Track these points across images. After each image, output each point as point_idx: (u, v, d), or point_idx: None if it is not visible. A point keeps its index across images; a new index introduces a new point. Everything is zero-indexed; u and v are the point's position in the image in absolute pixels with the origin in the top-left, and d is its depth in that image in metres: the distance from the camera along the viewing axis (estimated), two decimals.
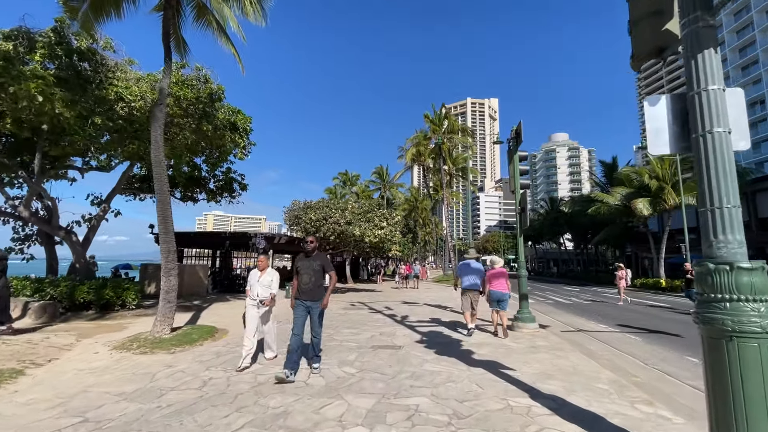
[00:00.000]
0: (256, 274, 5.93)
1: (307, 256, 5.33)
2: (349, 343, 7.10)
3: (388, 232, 17.91)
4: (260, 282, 5.83)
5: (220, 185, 17.97)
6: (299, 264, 5.28)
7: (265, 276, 5.86)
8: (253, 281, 5.88)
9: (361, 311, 12.03)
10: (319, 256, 5.35)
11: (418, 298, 17.04)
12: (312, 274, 5.16)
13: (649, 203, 26.74)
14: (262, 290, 5.81)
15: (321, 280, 5.27)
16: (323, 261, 5.32)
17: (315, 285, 5.18)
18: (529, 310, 8.64)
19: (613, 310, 14.01)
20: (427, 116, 32.26)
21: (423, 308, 13.02)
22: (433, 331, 8.54)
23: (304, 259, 5.31)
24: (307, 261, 5.26)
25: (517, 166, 9.06)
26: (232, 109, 14.44)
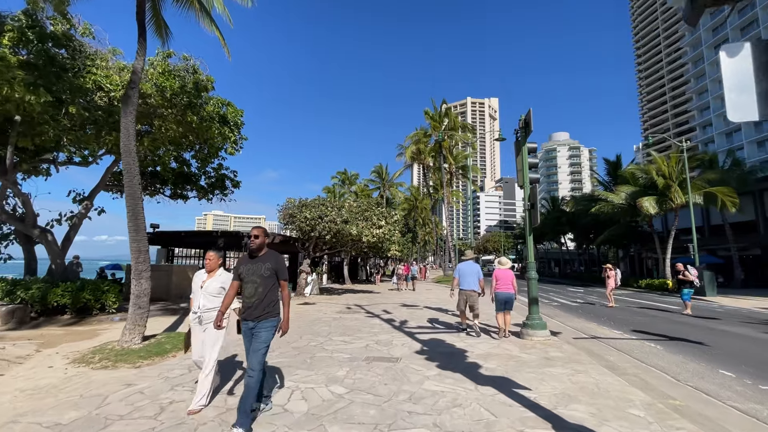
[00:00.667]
0: (200, 277, 4.23)
1: (251, 256, 3.76)
2: (340, 354, 6.34)
3: (386, 232, 17.15)
4: (205, 289, 4.11)
5: (211, 182, 17.23)
6: (241, 269, 3.73)
7: (212, 281, 4.13)
8: (196, 287, 4.21)
9: (357, 315, 11.27)
10: (270, 256, 3.78)
11: (417, 300, 16.28)
12: (259, 282, 3.62)
13: (656, 201, 25.97)
14: (207, 301, 4.10)
15: (273, 290, 3.71)
16: (275, 263, 3.73)
17: (263, 298, 3.62)
18: (539, 315, 7.88)
19: (624, 314, 13.26)
20: (427, 112, 31.45)
21: (423, 311, 12.26)
22: (434, 339, 7.78)
23: (249, 261, 3.74)
24: (253, 264, 3.70)
25: (526, 159, 8.30)
26: (221, 101, 13.69)
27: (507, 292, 7.82)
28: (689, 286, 13.51)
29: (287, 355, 6.30)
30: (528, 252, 8.17)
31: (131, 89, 6.86)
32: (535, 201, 8.00)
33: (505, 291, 7.83)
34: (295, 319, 10.43)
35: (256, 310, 3.63)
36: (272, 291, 3.69)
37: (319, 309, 12.88)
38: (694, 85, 63.42)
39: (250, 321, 3.67)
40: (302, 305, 14.03)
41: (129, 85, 6.88)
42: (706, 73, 59.66)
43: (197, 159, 15.62)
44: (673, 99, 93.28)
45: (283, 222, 16.98)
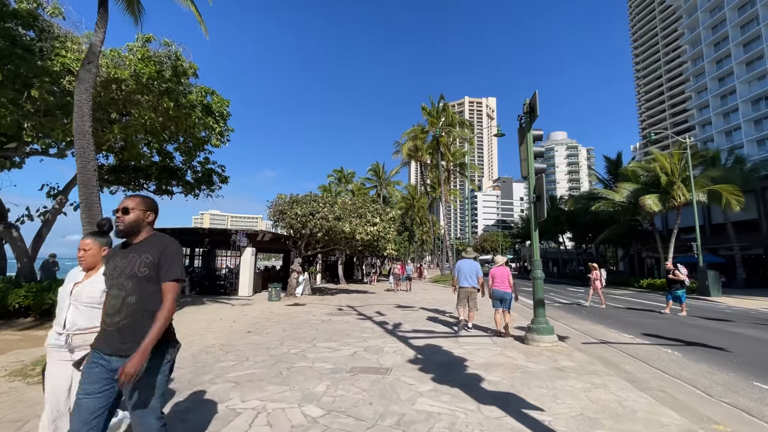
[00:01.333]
0: (73, 277, 2.73)
1: (124, 245, 2.30)
2: (323, 365, 5.58)
3: (381, 229, 16.40)
4: (76, 297, 2.59)
5: (197, 177, 16.43)
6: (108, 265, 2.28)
7: (89, 284, 2.61)
8: (63, 294, 2.67)
9: (348, 317, 10.51)
10: (154, 242, 2.26)
11: (413, 301, 15.53)
12: (129, 288, 2.14)
13: (659, 199, 25.34)
14: (80, 316, 2.58)
15: (153, 300, 2.15)
16: (159, 253, 2.20)
17: (135, 315, 2.13)
18: (546, 319, 7.15)
19: (631, 315, 12.56)
20: (424, 108, 30.63)
21: (419, 313, 11.52)
22: (430, 344, 7.03)
23: (118, 253, 2.27)
24: (122, 258, 2.22)
25: (531, 147, 7.57)
26: (205, 89, 12.92)
27: (502, 290, 7.84)
28: (680, 286, 12.80)
29: (261, 365, 5.54)
30: (533, 249, 7.44)
31: (88, 64, 6.09)
32: (541, 193, 7.26)
33: (500, 289, 7.86)
34: (280, 322, 9.66)
35: (124, 337, 2.10)
36: (152, 301, 2.14)
37: (309, 310, 12.12)
38: (693, 83, 63.02)
39: (113, 357, 2.10)
40: (291, 306, 13.26)
41: (85, 60, 6.11)
42: (706, 71, 59.25)
43: (181, 152, 14.84)
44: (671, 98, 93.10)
45: (272, 219, 16.18)
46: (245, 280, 16.81)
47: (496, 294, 7.94)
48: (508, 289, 7.88)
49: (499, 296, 7.90)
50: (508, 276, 8.00)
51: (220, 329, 8.54)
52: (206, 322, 9.53)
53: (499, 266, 8.21)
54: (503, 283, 7.93)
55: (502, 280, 7.95)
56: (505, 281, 7.93)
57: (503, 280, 7.94)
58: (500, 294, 7.89)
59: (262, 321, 9.82)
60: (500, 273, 8.05)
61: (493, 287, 8.02)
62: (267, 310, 12.11)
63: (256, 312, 11.72)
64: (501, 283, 7.94)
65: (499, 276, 8.03)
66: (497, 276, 8.03)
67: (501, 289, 7.90)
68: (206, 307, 12.79)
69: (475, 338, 7.74)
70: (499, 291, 7.90)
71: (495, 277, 8.04)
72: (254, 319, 10.24)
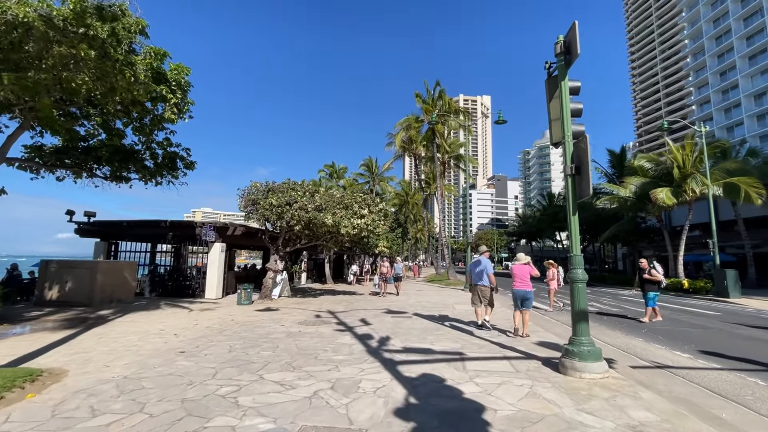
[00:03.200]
0: None
1: None
2: (256, 421, 3.47)
3: (369, 222, 14.28)
4: None
5: (158, 162, 14.17)
6: None
7: None
8: None
9: (324, 328, 8.40)
10: None
11: (405, 305, 13.46)
12: None
13: (672, 193, 23.54)
14: None
15: None
16: None
17: None
18: (590, 339, 5.09)
19: (661, 322, 10.61)
20: (418, 96, 28.37)
21: (412, 322, 9.44)
22: (428, 374, 4.96)
23: None
24: None
25: (567, 101, 5.51)
26: (155, 50, 10.70)
27: (523, 289, 7.58)
28: (656, 288, 10.50)
29: (156, 422, 3.42)
30: (571, 241, 5.37)
31: None
32: (583, 162, 5.22)
33: (521, 288, 7.61)
34: (234, 335, 7.52)
35: None
36: None
37: (279, 318, 9.99)
38: (694, 79, 61.68)
39: None
40: (261, 312, 11.11)
41: None
42: (707, 65, 57.87)
43: (134, 129, 12.59)
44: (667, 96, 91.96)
45: (243, 210, 13.99)
46: (213, 281, 14.61)
47: (518, 294, 7.62)
48: (530, 287, 7.56)
49: (520, 296, 7.57)
50: (529, 274, 7.67)
51: (147, 348, 6.39)
52: (138, 336, 7.37)
53: (520, 264, 7.84)
54: (525, 281, 7.61)
55: (523, 279, 7.62)
56: (527, 280, 7.61)
57: (524, 279, 7.62)
58: (522, 293, 7.56)
59: (212, 334, 7.67)
60: (521, 271, 7.70)
61: (514, 287, 7.70)
62: (228, 317, 9.96)
63: (214, 320, 9.56)
64: (522, 281, 7.62)
65: (520, 274, 7.69)
66: (518, 274, 7.71)
67: (522, 288, 7.58)
68: (156, 313, 10.59)
69: (490, 361, 5.68)
70: (521, 290, 7.59)
71: (516, 276, 7.73)
72: (204, 330, 8.10)
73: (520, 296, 7.56)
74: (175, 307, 11.94)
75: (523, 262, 7.87)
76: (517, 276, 7.72)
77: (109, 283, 12.19)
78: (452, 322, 9.43)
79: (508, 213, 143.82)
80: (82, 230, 14.83)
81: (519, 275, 7.70)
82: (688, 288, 22.26)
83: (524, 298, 7.53)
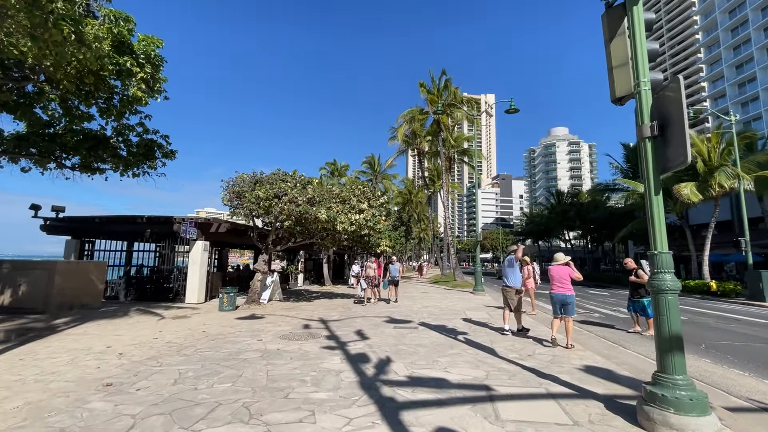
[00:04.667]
0: None
1: None
2: None
3: (369, 217, 12.67)
4: None
5: (133, 150, 12.65)
6: None
7: None
8: None
9: (310, 345, 6.80)
10: None
11: (410, 311, 11.84)
12: None
13: (697, 188, 21.76)
14: None
15: None
16: None
17: None
18: (689, 380, 3.42)
19: (713, 333, 8.92)
20: (422, 86, 26.54)
21: (419, 334, 7.83)
22: (445, 430, 3.33)
23: None
24: None
25: (641, 35, 3.87)
26: (115, 13, 9.22)
27: (563, 293, 6.82)
28: (646, 293, 8.45)
29: None
30: (653, 232, 3.75)
31: None
32: (672, 117, 3.58)
33: (561, 292, 6.83)
34: (194, 355, 5.93)
35: None
36: None
37: (261, 328, 8.40)
38: (708, 72, 59.53)
39: None
40: (241, 320, 9.53)
41: None
42: (722, 58, 55.76)
43: (100, 111, 11.08)
44: None
45: (228, 204, 12.42)
46: (194, 283, 13.05)
47: (557, 298, 6.86)
48: (571, 291, 6.82)
49: (560, 300, 6.83)
50: (568, 276, 6.85)
51: (68, 377, 4.82)
52: (70, 357, 5.80)
53: (558, 265, 6.99)
54: (565, 284, 6.81)
55: (562, 282, 6.82)
56: (567, 282, 6.81)
57: (564, 282, 6.81)
58: (561, 298, 6.82)
59: (168, 353, 6.10)
60: (561, 273, 6.88)
61: (553, 290, 6.91)
62: (200, 328, 8.39)
63: (182, 332, 7.99)
64: (562, 284, 6.83)
65: (559, 277, 6.87)
66: (557, 276, 6.89)
67: (562, 291, 6.81)
68: (118, 323, 9.03)
69: (531, 401, 4.04)
70: (560, 294, 6.82)
71: (555, 278, 6.90)
72: (161, 348, 6.52)
73: (560, 301, 6.78)
74: (145, 314, 10.38)
75: (561, 263, 7.05)
76: (555, 278, 6.88)
77: (70, 287, 10.65)
78: (467, 335, 7.80)
79: (513, 212, 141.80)
80: (50, 227, 13.32)
81: (557, 277, 6.86)
82: (716, 290, 20.51)
83: (564, 303, 6.76)
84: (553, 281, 6.94)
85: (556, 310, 6.91)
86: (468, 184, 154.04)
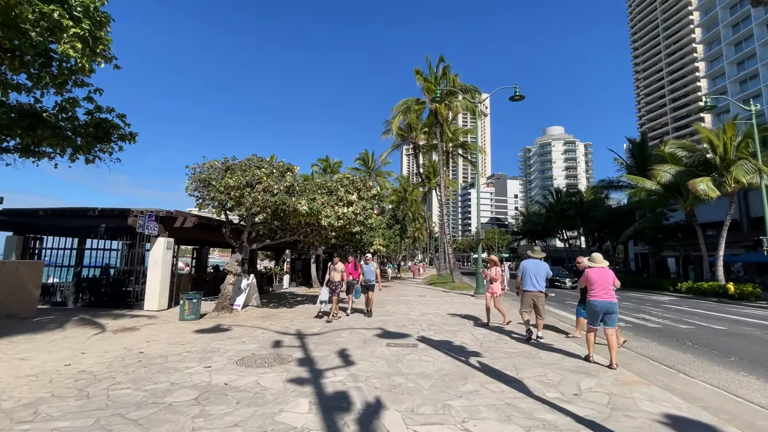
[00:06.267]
0: None
1: None
2: None
3: (359, 210, 10.89)
4: None
5: (79, 131, 10.73)
6: None
7: None
8: None
9: (273, 375, 5.02)
10: None
11: (407, 319, 10.10)
12: None
13: (714, 183, 20.29)
14: None
15: None
16: None
17: None
18: None
19: (747, 343, 7.31)
20: (418, 73, 24.55)
21: (419, 357, 6.08)
22: None
23: None
24: None
25: None
26: None
27: (609, 300, 5.67)
28: None
29: None
30: None
31: None
32: None
33: (606, 299, 5.67)
34: (100, 394, 4.11)
35: None
36: None
37: (216, 347, 6.59)
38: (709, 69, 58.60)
39: None
40: (202, 333, 7.71)
41: None
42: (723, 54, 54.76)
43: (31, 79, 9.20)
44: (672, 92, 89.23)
45: (192, 194, 10.54)
46: (155, 287, 11.18)
47: (600, 306, 5.68)
48: (615, 298, 5.75)
49: (604, 309, 5.68)
50: (612, 281, 5.79)
51: None
52: None
53: (601, 267, 5.95)
54: (610, 290, 5.72)
55: (605, 286, 5.72)
56: (610, 288, 5.74)
57: (608, 287, 5.73)
58: (606, 306, 5.67)
59: (64, 395, 4.27)
60: (605, 277, 5.79)
61: (593, 297, 5.77)
62: (140, 346, 6.56)
63: (113, 352, 6.16)
64: (606, 290, 5.70)
65: (601, 281, 5.76)
66: (599, 280, 5.77)
67: (607, 299, 5.68)
68: (41, 339, 7.15)
69: None
70: (605, 302, 5.68)
71: (595, 283, 5.77)
72: (65, 381, 4.71)
73: (605, 310, 5.68)
74: (84, 326, 8.51)
75: (603, 265, 6.00)
76: (597, 283, 5.76)
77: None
78: (480, 357, 6.08)
79: (508, 212, 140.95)
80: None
81: (600, 282, 5.75)
82: (734, 293, 19.04)
83: (609, 311, 5.70)
84: (594, 286, 5.80)
85: (595, 320, 5.77)
86: (462, 184, 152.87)
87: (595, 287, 5.74)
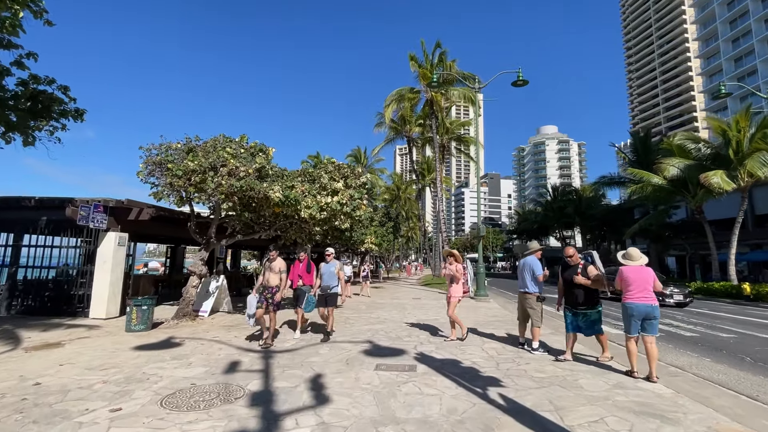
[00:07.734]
0: None
1: None
2: None
3: (345, 200, 9.25)
4: None
5: (10, 103, 8.94)
6: None
7: None
8: None
9: (203, 428, 3.36)
10: None
11: (402, 330, 8.49)
12: None
13: (728, 176, 19.03)
14: None
15: None
16: None
17: None
18: None
19: None
20: (413, 58, 22.91)
21: (422, 391, 4.47)
22: None
23: None
24: None
25: None
26: None
27: (649, 304, 4.70)
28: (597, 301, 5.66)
29: None
30: None
31: None
32: None
33: (645, 302, 4.70)
34: None
35: None
36: None
37: (150, 373, 4.91)
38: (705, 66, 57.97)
39: None
40: (139, 351, 6.01)
41: None
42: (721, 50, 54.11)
43: None
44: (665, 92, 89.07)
45: (146, 180, 8.78)
46: (102, 290, 9.42)
47: (638, 310, 4.69)
48: (656, 302, 4.72)
49: (643, 313, 4.68)
50: (653, 281, 4.75)
51: None
52: None
53: (638, 265, 4.90)
54: (649, 292, 4.71)
55: (643, 287, 4.71)
56: (649, 290, 4.71)
57: (647, 287, 4.71)
58: (646, 310, 4.67)
59: None
60: (643, 276, 4.77)
61: (628, 300, 4.78)
62: (42, 374, 4.86)
63: (7, 381, 4.45)
64: (645, 292, 4.70)
65: (639, 280, 4.75)
66: (638, 281, 4.75)
67: (647, 302, 4.68)
68: None
69: None
70: (644, 305, 4.67)
71: (634, 283, 4.76)
72: None
73: (644, 314, 4.71)
74: (7, 342, 6.75)
75: (641, 263, 4.98)
76: (634, 283, 4.79)
77: None
78: (502, 385, 4.48)
79: (502, 212, 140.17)
80: None
81: (639, 282, 4.77)
82: (750, 294, 17.76)
83: (650, 317, 4.72)
84: (630, 287, 4.82)
85: (632, 327, 4.81)
86: (456, 183, 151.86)
87: (631, 288, 4.76)
